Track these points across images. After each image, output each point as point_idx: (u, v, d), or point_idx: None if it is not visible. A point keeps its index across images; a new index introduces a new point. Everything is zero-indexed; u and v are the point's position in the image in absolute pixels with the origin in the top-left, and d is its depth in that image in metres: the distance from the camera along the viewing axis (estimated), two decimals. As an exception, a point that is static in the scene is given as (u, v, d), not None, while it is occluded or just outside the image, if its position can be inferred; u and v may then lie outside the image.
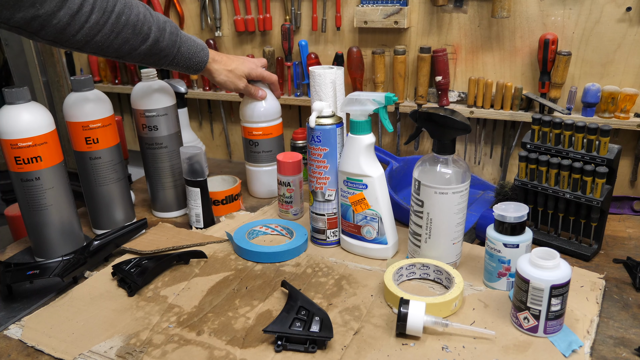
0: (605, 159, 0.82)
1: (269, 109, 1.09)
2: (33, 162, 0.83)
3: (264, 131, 1.10)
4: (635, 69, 0.98)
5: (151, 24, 0.85)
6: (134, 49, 0.84)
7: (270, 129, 1.10)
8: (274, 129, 1.11)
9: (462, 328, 0.68)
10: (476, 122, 1.14)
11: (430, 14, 1.10)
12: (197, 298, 0.79)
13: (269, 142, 1.11)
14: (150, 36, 0.85)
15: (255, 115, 1.09)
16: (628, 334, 0.69)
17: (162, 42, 0.87)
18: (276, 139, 1.12)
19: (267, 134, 1.11)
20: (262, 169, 1.14)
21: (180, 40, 0.91)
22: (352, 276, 0.83)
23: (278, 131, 1.12)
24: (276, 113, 1.11)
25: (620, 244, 0.91)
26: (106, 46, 0.81)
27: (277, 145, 1.13)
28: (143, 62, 0.89)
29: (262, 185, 1.15)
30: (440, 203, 0.78)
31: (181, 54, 0.91)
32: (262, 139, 1.11)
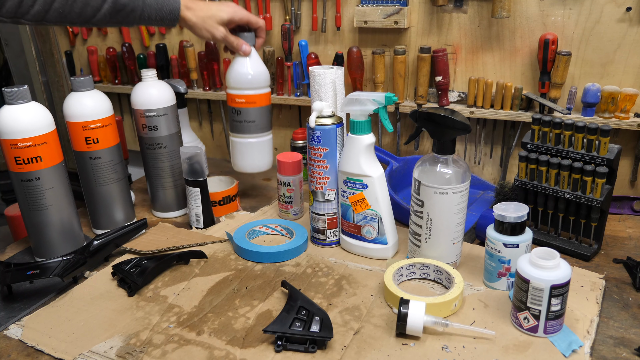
0: (605, 159, 0.82)
1: (255, 75, 1.00)
2: (33, 162, 0.83)
3: (247, 99, 1.01)
4: (635, 69, 0.98)
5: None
6: (97, 9, 0.82)
7: (255, 97, 1.01)
8: (260, 98, 1.02)
9: (462, 328, 0.68)
10: (476, 122, 1.14)
11: (430, 14, 1.10)
12: (197, 298, 0.79)
13: (253, 111, 1.02)
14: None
15: (240, 80, 1.00)
16: (628, 334, 0.69)
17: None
18: (261, 109, 1.02)
19: (251, 103, 1.01)
20: (244, 141, 1.05)
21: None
22: (352, 276, 0.83)
23: (264, 101, 1.03)
24: (263, 81, 1.02)
25: (620, 244, 0.91)
26: (67, 12, 0.80)
27: (262, 116, 1.03)
28: (113, 23, 0.86)
29: (246, 159, 1.06)
30: (440, 203, 0.78)
31: (148, 5, 0.86)
32: (246, 108, 1.01)
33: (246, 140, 1.05)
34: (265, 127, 1.05)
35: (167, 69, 1.40)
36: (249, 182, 1.27)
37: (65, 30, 1.52)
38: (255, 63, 1.01)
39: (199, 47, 1.36)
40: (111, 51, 1.44)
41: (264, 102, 1.03)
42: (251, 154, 1.06)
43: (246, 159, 1.07)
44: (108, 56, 1.45)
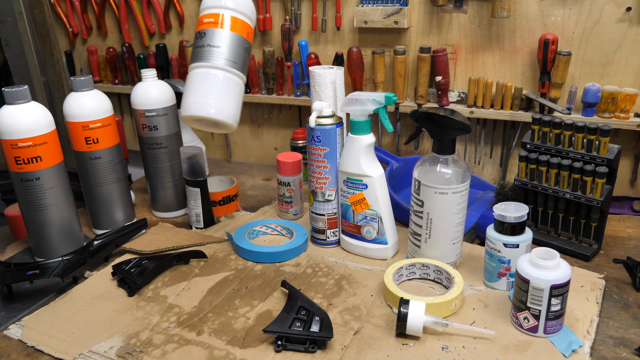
0: (605, 159, 0.82)
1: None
2: (33, 162, 0.83)
3: (216, 19, 0.79)
4: (635, 69, 0.98)
5: None
6: None
7: (226, 18, 0.79)
8: (232, 21, 0.79)
9: (462, 328, 0.68)
10: (476, 122, 1.14)
11: (430, 14, 1.10)
12: (197, 298, 0.79)
13: (221, 34, 0.78)
14: None
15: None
16: (628, 334, 0.69)
17: None
18: (233, 35, 0.79)
19: (220, 24, 0.79)
20: (200, 71, 0.78)
21: None
22: (352, 276, 0.83)
23: (238, 28, 0.80)
24: (239, 4, 0.81)
25: (620, 244, 0.91)
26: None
27: (232, 45, 0.79)
28: None
29: (194, 95, 0.77)
30: (440, 203, 0.78)
31: None
32: (212, 29, 0.78)
33: (206, 70, 0.77)
34: (236, 62, 0.79)
35: (167, 69, 1.40)
36: (249, 182, 1.27)
37: (65, 30, 1.52)
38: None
39: (199, 47, 1.36)
40: (111, 51, 1.44)
41: (239, 30, 0.79)
42: (209, 90, 0.76)
43: (200, 95, 0.76)
44: (108, 56, 1.45)
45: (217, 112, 0.75)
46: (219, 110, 0.76)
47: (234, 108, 0.78)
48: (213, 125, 0.79)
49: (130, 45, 1.43)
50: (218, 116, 0.75)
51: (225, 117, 0.76)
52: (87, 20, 1.47)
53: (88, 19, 1.47)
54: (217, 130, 0.79)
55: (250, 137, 1.42)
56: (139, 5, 1.38)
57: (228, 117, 0.77)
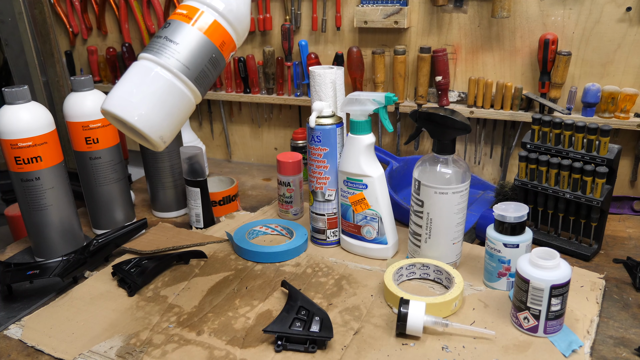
0: (605, 159, 0.82)
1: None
2: (33, 162, 0.83)
3: (190, 12, 0.65)
4: (635, 69, 0.98)
5: None
6: None
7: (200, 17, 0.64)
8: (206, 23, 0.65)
9: (462, 328, 0.68)
10: (476, 122, 1.14)
11: (430, 14, 1.10)
12: (197, 298, 0.79)
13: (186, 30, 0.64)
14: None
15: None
16: (628, 334, 0.69)
17: None
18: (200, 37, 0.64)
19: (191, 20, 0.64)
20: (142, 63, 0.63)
21: None
22: (352, 276, 0.83)
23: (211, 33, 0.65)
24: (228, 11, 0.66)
25: (620, 244, 0.91)
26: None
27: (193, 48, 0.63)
28: None
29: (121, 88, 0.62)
30: (440, 203, 0.78)
31: None
32: (179, 21, 0.64)
33: (149, 64, 0.62)
34: (189, 69, 0.63)
35: (167, 69, 1.40)
36: (249, 182, 1.27)
37: (65, 30, 1.52)
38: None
39: (199, 47, 1.36)
40: (111, 51, 1.44)
41: (211, 36, 0.65)
42: (139, 89, 0.61)
43: (126, 92, 0.61)
44: (108, 56, 1.45)
45: (140, 119, 0.58)
46: (143, 117, 0.59)
47: (165, 122, 0.61)
48: (135, 134, 0.62)
49: (130, 45, 1.43)
50: (139, 124, 0.59)
51: (148, 128, 0.59)
52: (87, 20, 1.47)
53: (88, 19, 1.47)
54: (140, 141, 0.63)
55: (250, 137, 1.42)
56: (139, 5, 1.38)
57: (151, 130, 0.60)
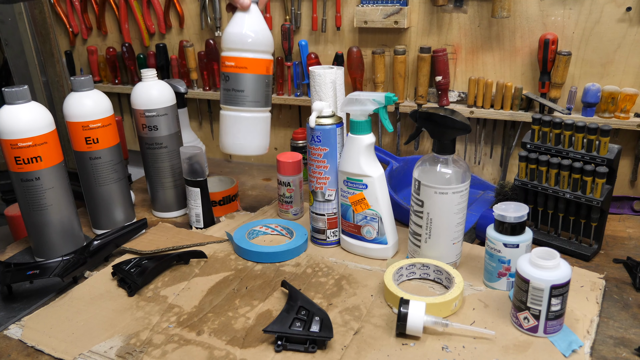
0: (605, 159, 0.82)
1: (250, 35, 0.85)
2: (33, 162, 0.83)
3: (237, 63, 0.84)
4: (635, 69, 0.98)
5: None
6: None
7: (246, 61, 0.84)
8: (252, 63, 0.84)
9: (462, 328, 0.68)
10: (476, 122, 1.14)
11: (430, 14, 1.10)
12: (197, 298, 0.79)
13: (244, 79, 0.85)
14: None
15: (231, 40, 0.85)
16: (628, 334, 0.69)
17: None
18: (254, 77, 0.85)
19: (242, 68, 0.85)
20: (230, 114, 0.88)
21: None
22: (352, 276, 0.83)
23: (257, 68, 0.85)
24: (260, 45, 0.85)
25: (620, 244, 0.91)
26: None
27: (254, 86, 0.86)
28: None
29: (229, 136, 0.89)
30: (440, 203, 0.78)
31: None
32: (235, 73, 0.84)
33: (232, 114, 0.87)
34: (259, 102, 0.87)
35: (167, 69, 1.41)
36: (249, 182, 1.27)
37: (65, 30, 1.52)
38: (253, 21, 0.85)
39: (199, 47, 1.36)
40: (111, 51, 1.44)
41: (258, 70, 0.85)
42: (238, 131, 0.87)
43: (231, 136, 0.87)
44: (108, 56, 1.45)
45: (250, 150, 0.91)
46: (251, 147, 0.90)
47: (261, 140, 0.91)
48: (246, 157, 0.95)
49: (130, 45, 1.43)
50: (247, 152, 0.91)
51: (253, 151, 0.91)
52: (87, 20, 1.47)
53: (88, 19, 1.47)
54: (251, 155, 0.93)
55: (250, 137, 1.41)
56: (139, 5, 1.38)
57: (256, 150, 0.91)
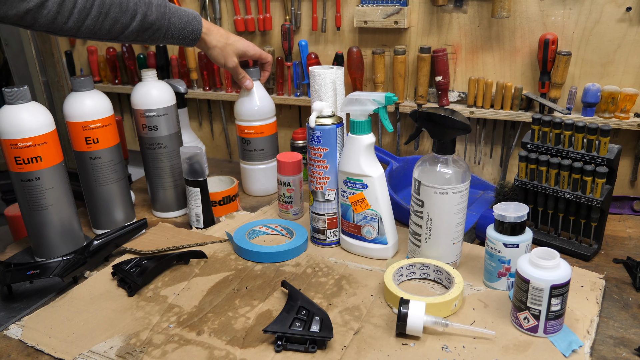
0: (605, 159, 0.82)
1: (262, 107, 1.10)
2: (33, 162, 0.83)
3: (256, 130, 1.11)
4: (635, 69, 0.98)
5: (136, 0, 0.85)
6: (125, 27, 0.85)
7: (263, 127, 1.11)
8: (267, 127, 1.12)
9: (462, 328, 0.68)
10: (476, 122, 1.14)
11: (430, 14, 1.10)
12: (197, 298, 0.79)
13: (262, 140, 1.13)
14: (137, 12, 0.85)
15: (248, 113, 1.10)
16: (628, 334, 0.69)
17: (151, 16, 0.87)
18: (269, 137, 1.13)
19: (260, 133, 1.12)
20: (255, 167, 1.15)
21: (170, 12, 0.90)
22: (352, 276, 0.83)
23: (271, 130, 1.13)
24: (269, 112, 1.12)
25: (620, 244, 0.91)
26: (98, 29, 0.83)
27: (270, 144, 1.14)
28: (138, 40, 0.90)
29: (256, 184, 1.16)
30: (440, 203, 0.78)
31: (173, 24, 0.91)
32: (255, 138, 1.12)
33: (258, 167, 1.15)
34: (273, 154, 1.15)
35: (167, 69, 1.40)
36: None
37: None
38: (261, 95, 1.11)
39: (199, 47, 1.36)
40: (111, 51, 1.44)
41: (271, 131, 1.13)
42: (264, 179, 1.16)
43: (260, 184, 1.16)
44: (108, 56, 1.45)
45: (269, 190, 1.18)
46: (268, 189, 1.18)
47: (275, 179, 1.16)
48: None
49: (130, 45, 1.43)
50: (270, 192, 1.19)
51: (274, 189, 1.18)
52: (87, 20, 1.47)
53: (88, 19, 1.47)
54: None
55: (250, 137, 1.42)
56: (139, 5, 1.38)
57: (273, 190, 1.19)
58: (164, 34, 0.91)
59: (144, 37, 0.89)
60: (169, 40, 0.93)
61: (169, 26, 0.91)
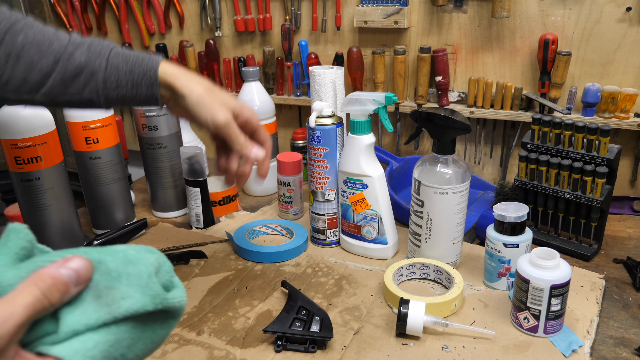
0: (605, 159, 0.82)
1: (262, 107, 1.10)
2: (33, 162, 0.83)
3: None
4: (635, 69, 0.98)
5: (64, 40, 0.62)
6: (47, 74, 0.61)
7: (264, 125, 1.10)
8: (267, 127, 1.11)
9: (462, 328, 0.68)
10: (476, 122, 1.14)
11: (430, 14, 1.10)
12: (197, 298, 0.79)
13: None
14: (63, 54, 0.61)
15: None
16: (628, 334, 0.69)
17: (80, 57, 0.62)
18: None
19: None
20: (255, 167, 1.12)
21: (112, 53, 0.64)
22: (352, 276, 0.83)
23: (271, 130, 1.13)
24: (269, 112, 1.12)
25: (620, 244, 0.91)
26: (8, 77, 0.60)
27: None
28: (72, 97, 0.63)
29: (256, 184, 1.16)
30: (440, 203, 0.78)
31: (114, 66, 0.63)
32: None
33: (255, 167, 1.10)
34: (272, 154, 1.10)
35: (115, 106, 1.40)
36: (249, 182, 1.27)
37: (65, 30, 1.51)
38: (261, 95, 1.10)
39: (199, 47, 1.36)
40: (111, 51, 1.44)
41: (271, 131, 1.13)
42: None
43: (258, 183, 1.16)
44: (108, 56, 1.44)
45: (269, 190, 1.18)
46: (270, 188, 1.18)
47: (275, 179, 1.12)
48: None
49: (130, 45, 1.42)
50: (270, 192, 1.18)
51: (274, 189, 1.17)
52: (87, 20, 1.47)
53: (88, 19, 1.47)
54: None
55: (250, 137, 1.41)
56: (139, 5, 1.38)
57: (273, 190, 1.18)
58: (102, 81, 0.63)
59: (76, 88, 0.62)
60: (114, 92, 0.63)
61: (108, 69, 0.63)
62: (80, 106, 0.65)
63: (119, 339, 0.36)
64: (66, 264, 0.36)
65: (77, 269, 0.36)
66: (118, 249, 0.39)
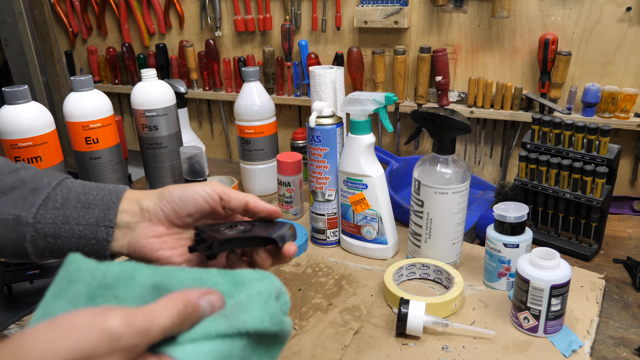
0: (605, 159, 0.82)
1: (262, 107, 1.10)
2: (33, 162, 0.83)
3: (256, 130, 1.11)
4: (635, 69, 0.98)
5: None
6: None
7: (263, 127, 1.11)
8: (267, 127, 1.12)
9: (462, 328, 0.68)
10: (476, 122, 1.14)
11: (430, 14, 1.10)
12: (197, 298, 0.79)
13: (262, 140, 1.12)
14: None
15: (248, 113, 1.10)
16: (628, 334, 0.69)
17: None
18: (269, 137, 1.13)
19: (260, 133, 1.11)
20: (255, 167, 1.15)
21: (54, 180, 0.54)
22: (352, 276, 0.83)
23: (271, 130, 1.13)
24: (269, 112, 1.12)
25: (620, 244, 0.91)
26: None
27: (270, 144, 1.14)
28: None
29: (256, 184, 1.16)
30: (440, 203, 0.78)
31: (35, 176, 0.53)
32: (255, 138, 1.12)
33: (258, 167, 1.14)
34: (272, 154, 1.15)
35: (167, 69, 1.41)
36: (249, 182, 1.27)
37: (65, 30, 1.52)
38: (261, 95, 1.10)
39: (199, 47, 1.36)
40: (111, 51, 1.44)
41: (271, 131, 1.13)
42: (263, 179, 1.16)
43: (260, 183, 1.17)
44: (108, 56, 1.45)
45: (269, 190, 1.19)
46: (270, 188, 1.18)
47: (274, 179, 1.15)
48: None
49: (130, 45, 1.43)
50: (270, 192, 1.18)
51: (274, 189, 1.18)
52: (87, 20, 1.47)
53: (88, 19, 1.47)
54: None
55: (250, 137, 1.42)
56: (139, 5, 1.38)
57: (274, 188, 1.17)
58: (34, 218, 0.52)
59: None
60: (56, 238, 0.53)
61: (44, 204, 0.52)
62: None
63: (231, 353, 0.36)
64: (207, 297, 0.39)
65: (214, 304, 0.39)
66: (239, 271, 0.42)
